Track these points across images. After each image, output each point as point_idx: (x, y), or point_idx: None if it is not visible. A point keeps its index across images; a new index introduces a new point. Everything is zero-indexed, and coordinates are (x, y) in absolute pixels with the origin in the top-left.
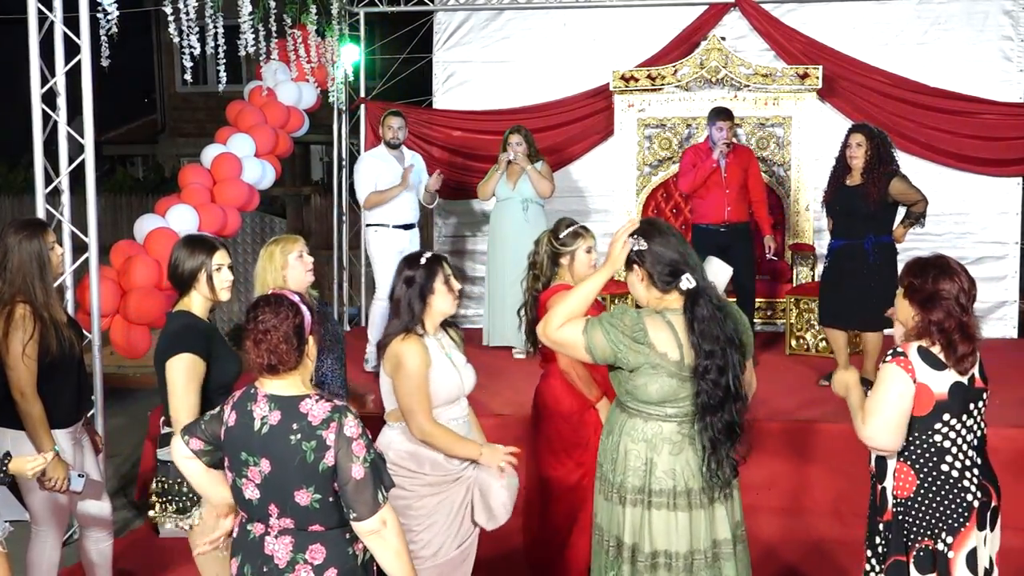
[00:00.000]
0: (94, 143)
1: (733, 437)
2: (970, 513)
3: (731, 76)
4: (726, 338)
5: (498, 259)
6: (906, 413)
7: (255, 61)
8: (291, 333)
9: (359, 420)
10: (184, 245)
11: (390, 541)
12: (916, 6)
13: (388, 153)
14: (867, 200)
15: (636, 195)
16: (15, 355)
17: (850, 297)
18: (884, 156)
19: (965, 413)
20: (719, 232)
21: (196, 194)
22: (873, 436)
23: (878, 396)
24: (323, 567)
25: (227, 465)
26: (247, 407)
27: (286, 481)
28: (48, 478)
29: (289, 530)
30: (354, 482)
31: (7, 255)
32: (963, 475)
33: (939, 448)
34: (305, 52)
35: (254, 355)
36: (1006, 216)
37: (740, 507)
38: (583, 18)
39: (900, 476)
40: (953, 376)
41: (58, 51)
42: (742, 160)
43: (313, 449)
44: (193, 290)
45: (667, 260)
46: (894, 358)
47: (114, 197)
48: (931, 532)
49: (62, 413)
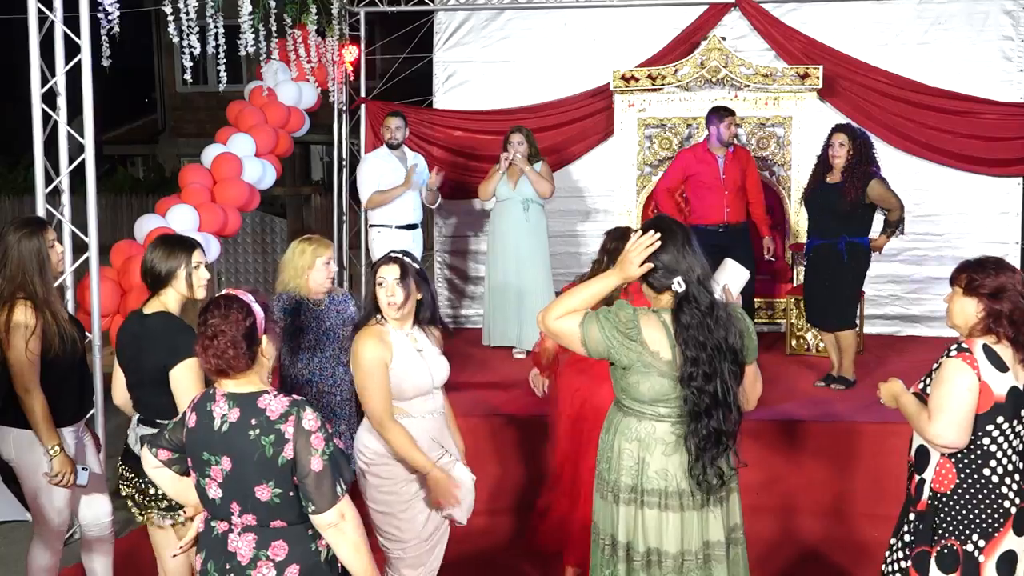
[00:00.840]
0: (94, 143)
1: (720, 446)
2: (1006, 519)
3: (731, 76)
4: (714, 345)
5: (498, 259)
6: (973, 408)
7: (255, 61)
8: (239, 337)
9: (319, 414)
10: (161, 244)
11: (349, 535)
12: (916, 6)
13: (390, 154)
14: (844, 198)
15: (636, 195)
16: (18, 352)
17: (825, 297)
18: (865, 157)
19: (1016, 418)
20: (717, 233)
21: (196, 194)
22: (941, 433)
23: (945, 392)
24: (285, 563)
25: (190, 465)
26: (207, 407)
27: (247, 477)
28: (55, 473)
29: (251, 527)
30: (313, 474)
31: (7, 253)
32: (1003, 480)
33: (985, 451)
34: (305, 52)
35: (203, 359)
36: (1006, 216)
37: (739, 510)
38: (583, 18)
39: (941, 471)
40: (1012, 379)
41: (58, 51)
42: (740, 161)
43: (272, 443)
44: (169, 288)
45: (663, 262)
46: (959, 353)
47: (114, 197)
48: (960, 532)
49: (65, 410)
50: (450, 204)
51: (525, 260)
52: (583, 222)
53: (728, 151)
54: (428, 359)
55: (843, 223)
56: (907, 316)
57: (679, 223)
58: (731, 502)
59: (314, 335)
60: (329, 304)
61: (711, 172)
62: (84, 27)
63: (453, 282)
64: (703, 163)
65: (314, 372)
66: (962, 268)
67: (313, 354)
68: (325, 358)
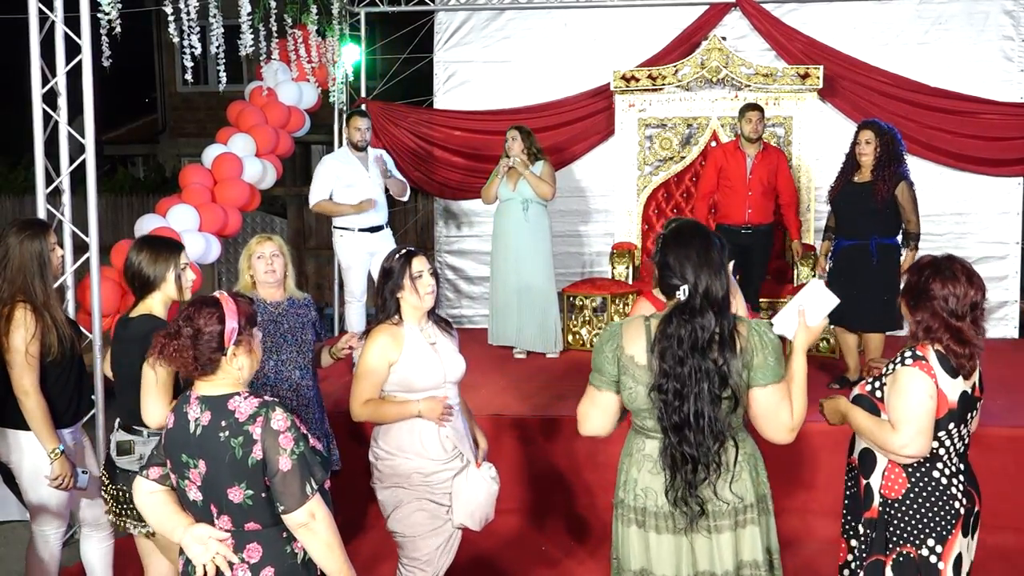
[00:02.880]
0: (95, 143)
1: (697, 473)
2: (956, 520)
3: (732, 76)
4: (696, 366)
5: (500, 259)
6: (934, 416)
7: (255, 61)
8: (201, 340)
9: (289, 414)
10: (147, 248)
11: (320, 534)
12: (916, 6)
13: (352, 155)
14: (875, 197)
15: (637, 195)
16: (18, 354)
17: (856, 298)
18: (894, 154)
19: (963, 422)
20: (740, 233)
21: (197, 194)
22: (908, 443)
23: (905, 402)
24: (260, 565)
25: (170, 468)
26: (183, 410)
27: (220, 479)
28: (55, 476)
29: (228, 530)
30: (281, 474)
31: (8, 254)
32: (951, 481)
33: (933, 454)
34: (306, 52)
35: (156, 355)
36: (1007, 216)
37: (761, 545)
38: (584, 18)
39: (890, 476)
40: (962, 384)
41: (59, 51)
42: (770, 162)
43: (241, 445)
44: (156, 292)
45: (668, 267)
46: (915, 361)
47: (114, 197)
48: (915, 538)
49: (63, 413)
50: (451, 204)
51: (524, 260)
52: (583, 222)
53: (759, 151)
54: (442, 354)
55: (873, 223)
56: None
57: (706, 232)
58: (748, 534)
59: (270, 338)
60: (288, 307)
61: (738, 170)
62: (84, 27)
63: (453, 282)
64: (732, 160)
65: (269, 375)
66: (910, 267)
67: (269, 356)
68: (282, 361)
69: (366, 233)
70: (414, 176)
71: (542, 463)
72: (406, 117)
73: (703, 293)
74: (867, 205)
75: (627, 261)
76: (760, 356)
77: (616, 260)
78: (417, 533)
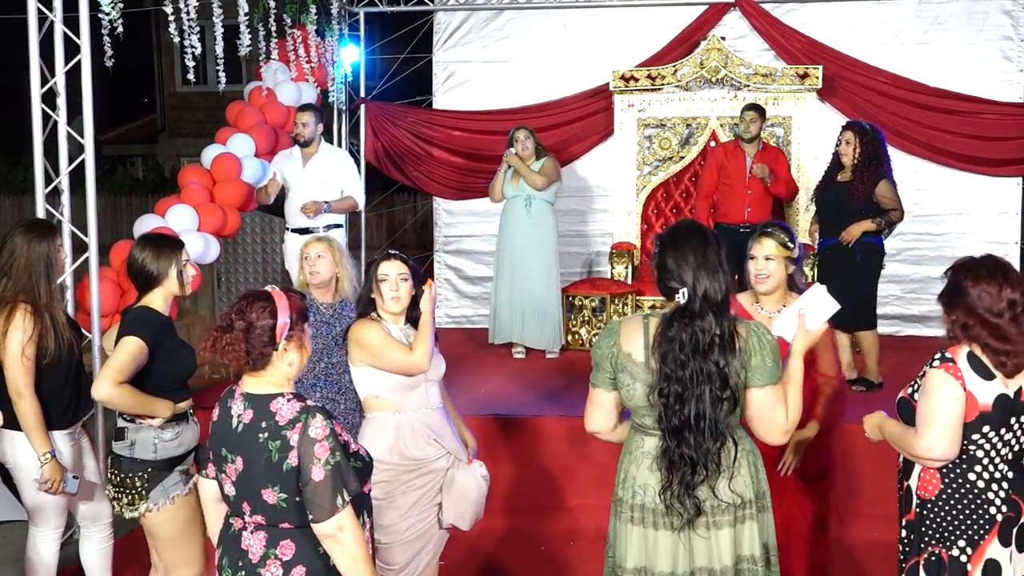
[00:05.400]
0: (94, 143)
1: (696, 475)
2: (991, 526)
3: (731, 76)
4: (697, 369)
5: (503, 254)
6: (961, 419)
7: (255, 61)
8: (253, 334)
9: (329, 422)
10: (149, 244)
11: (347, 547)
12: (916, 6)
13: (295, 151)
14: (853, 195)
15: (636, 195)
16: (13, 355)
17: (840, 297)
18: (876, 154)
19: (1005, 426)
20: (739, 232)
21: (196, 194)
22: (931, 447)
23: (930, 405)
24: (291, 563)
25: (211, 459)
26: (227, 404)
27: (255, 479)
28: (44, 480)
29: (262, 526)
30: (312, 483)
31: (15, 254)
32: (989, 487)
33: (971, 456)
34: (305, 52)
35: (210, 351)
36: (1006, 216)
37: (758, 540)
38: (583, 18)
39: (924, 477)
40: (999, 387)
41: (58, 51)
42: (769, 160)
43: (278, 449)
44: (158, 288)
45: (666, 270)
46: (942, 363)
47: (114, 197)
48: (945, 539)
49: (60, 414)
50: (451, 204)
51: (526, 256)
52: (582, 222)
53: (758, 150)
54: None
55: (853, 222)
56: (907, 316)
57: (702, 232)
58: (747, 530)
59: (322, 339)
60: (341, 309)
61: (738, 170)
62: (84, 27)
63: (453, 282)
64: (732, 158)
65: (319, 377)
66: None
67: (320, 359)
68: (332, 364)
69: (295, 234)
70: (414, 176)
71: (540, 462)
72: (405, 117)
73: (702, 295)
74: (847, 204)
75: (626, 261)
76: (758, 357)
77: (615, 260)
78: (394, 540)
